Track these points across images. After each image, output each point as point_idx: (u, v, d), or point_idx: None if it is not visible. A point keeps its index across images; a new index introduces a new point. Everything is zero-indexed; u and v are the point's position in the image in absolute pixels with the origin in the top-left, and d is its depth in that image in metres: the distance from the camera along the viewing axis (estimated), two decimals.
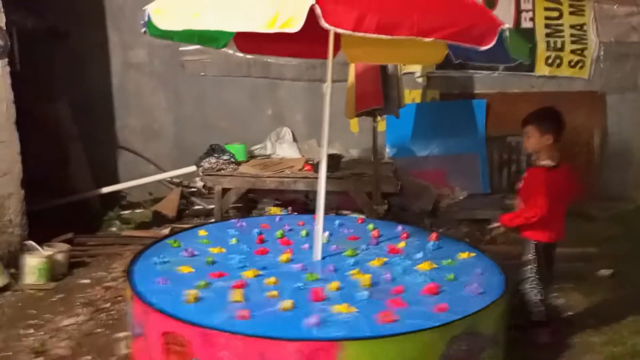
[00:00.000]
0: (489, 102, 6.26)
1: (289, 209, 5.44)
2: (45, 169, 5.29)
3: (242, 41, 3.75)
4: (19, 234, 4.51)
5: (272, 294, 2.70)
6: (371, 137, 5.20)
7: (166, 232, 5.14)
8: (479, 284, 2.84)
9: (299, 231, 3.76)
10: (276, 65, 6.13)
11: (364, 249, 3.45)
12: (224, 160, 5.39)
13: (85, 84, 6.17)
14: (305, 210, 5.31)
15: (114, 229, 5.56)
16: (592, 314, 3.62)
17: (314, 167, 5.27)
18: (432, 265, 3.11)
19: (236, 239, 3.59)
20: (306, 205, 5.65)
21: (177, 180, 6.11)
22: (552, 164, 3.15)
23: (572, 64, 6.21)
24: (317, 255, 3.24)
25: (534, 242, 3.20)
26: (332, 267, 3.10)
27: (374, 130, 5.15)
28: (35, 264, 4.19)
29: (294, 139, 6.26)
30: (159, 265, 3.14)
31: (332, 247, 3.45)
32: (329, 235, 3.64)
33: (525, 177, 3.28)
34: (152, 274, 3.01)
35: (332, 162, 5.24)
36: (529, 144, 3.18)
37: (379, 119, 5.20)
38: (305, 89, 6.16)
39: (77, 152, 5.93)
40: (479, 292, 2.76)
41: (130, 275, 2.98)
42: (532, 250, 3.20)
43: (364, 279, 2.87)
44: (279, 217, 4.30)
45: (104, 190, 5.72)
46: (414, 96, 6.27)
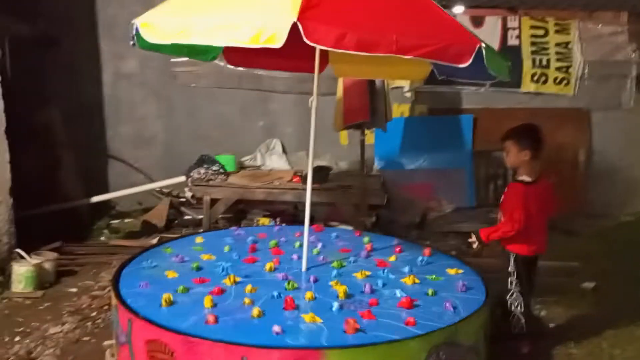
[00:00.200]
0: (476, 118, 6.37)
1: (278, 219, 5.48)
2: (35, 177, 5.31)
3: (230, 54, 3.82)
4: (7, 241, 4.52)
5: (246, 301, 2.77)
6: (360, 150, 5.28)
7: (155, 241, 5.16)
8: (454, 300, 2.86)
9: (294, 242, 3.79)
10: (267, 77, 6.20)
11: (352, 261, 3.48)
12: (214, 170, 5.44)
13: (76, 92, 6.19)
14: (293, 221, 5.35)
15: (103, 238, 5.57)
16: (573, 327, 3.68)
17: (303, 178, 5.32)
18: (415, 280, 3.12)
19: (229, 247, 3.66)
20: (295, 216, 5.70)
21: (167, 190, 6.14)
22: (529, 180, 3.22)
23: (557, 81, 6.34)
24: (303, 265, 3.30)
25: (514, 255, 3.26)
26: (313, 277, 3.15)
27: (362, 143, 5.22)
28: (23, 272, 4.20)
29: (284, 151, 6.32)
30: (147, 269, 3.21)
31: (320, 258, 3.50)
32: (321, 246, 3.70)
33: (505, 191, 3.35)
34: (138, 278, 3.07)
35: (321, 174, 5.32)
36: (508, 159, 3.25)
37: (367, 132, 5.28)
38: (295, 101, 6.21)
39: (67, 160, 5.95)
40: (452, 307, 2.78)
41: (116, 282, 3.03)
42: (512, 263, 3.26)
43: (340, 290, 2.91)
44: (278, 227, 4.33)
45: (94, 199, 5.73)
46: (403, 110, 6.36)
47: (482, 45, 2.58)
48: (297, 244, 3.72)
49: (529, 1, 6.25)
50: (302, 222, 3.38)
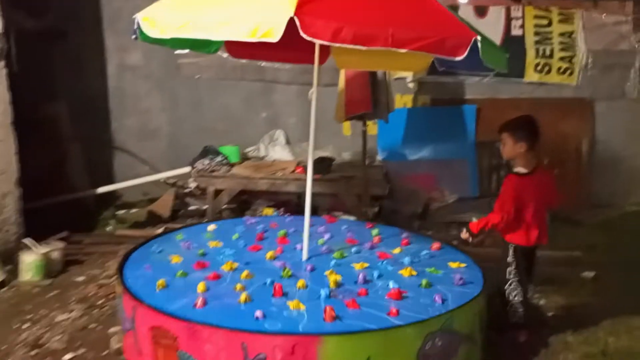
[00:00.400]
0: (479, 108, 6.36)
1: (281, 210, 5.53)
2: (42, 168, 5.38)
3: (232, 47, 3.86)
4: (16, 231, 4.61)
5: (237, 287, 2.86)
6: (362, 141, 5.31)
7: (160, 231, 5.23)
8: (446, 293, 2.88)
9: (302, 232, 3.83)
10: (270, 69, 6.23)
11: (355, 252, 3.52)
12: (217, 161, 5.50)
13: (82, 84, 6.26)
14: (297, 211, 5.40)
15: (109, 228, 5.65)
16: (571, 316, 3.71)
17: (306, 169, 5.35)
18: (412, 272, 3.13)
19: (238, 235, 3.76)
20: (299, 206, 5.74)
21: (172, 181, 6.20)
22: (524, 171, 3.24)
23: (561, 71, 6.32)
24: (304, 254, 3.36)
25: (513, 246, 3.29)
26: (310, 266, 3.21)
27: (364, 134, 5.26)
28: (31, 261, 4.28)
29: (287, 142, 6.36)
30: (154, 254, 3.35)
31: (323, 248, 3.55)
32: (328, 237, 3.76)
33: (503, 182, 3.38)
34: (143, 262, 3.21)
35: (324, 165, 5.37)
36: (504, 151, 3.27)
37: (369, 123, 5.31)
38: (298, 92, 6.24)
39: (74, 152, 6.02)
40: (441, 300, 2.79)
41: (122, 270, 3.12)
42: (511, 253, 3.29)
43: (331, 280, 2.97)
44: (290, 218, 4.39)
45: (100, 190, 5.81)
46: (406, 101, 6.38)
47: (478, 38, 2.61)
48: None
49: None
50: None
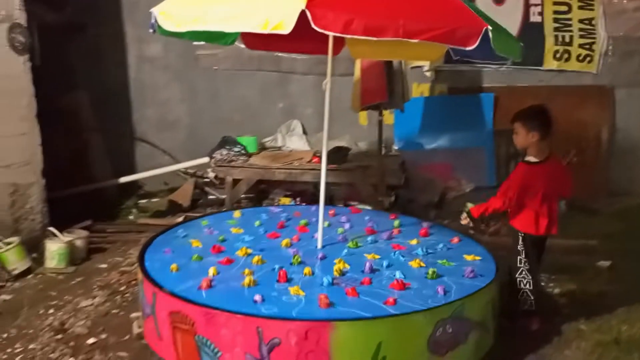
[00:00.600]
0: (497, 96, 6.32)
1: (298, 199, 5.60)
2: (65, 158, 5.53)
3: (248, 38, 3.91)
4: (40, 220, 4.76)
5: (245, 272, 2.95)
6: (378, 130, 5.33)
7: (180, 220, 5.33)
8: (450, 285, 2.88)
9: (323, 221, 3.88)
10: (287, 59, 6.27)
11: (370, 242, 3.54)
12: (235, 152, 5.57)
13: (103, 76, 6.37)
14: (313, 201, 5.45)
15: (131, 217, 5.78)
16: (584, 304, 3.71)
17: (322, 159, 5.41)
18: (421, 263, 3.14)
19: (260, 222, 3.87)
20: (315, 195, 5.78)
21: (191, 170, 6.31)
22: (535, 160, 3.25)
23: (580, 58, 6.24)
24: (319, 243, 3.42)
25: (522, 234, 3.31)
26: (321, 254, 3.27)
27: (380, 123, 5.28)
28: (55, 249, 4.41)
29: (304, 132, 6.41)
30: (178, 238, 3.53)
31: (340, 237, 3.61)
32: (348, 227, 3.82)
33: None
34: (165, 246, 3.38)
35: (340, 155, 5.41)
36: (517, 140, 3.28)
37: (385, 112, 5.32)
38: (315, 82, 6.25)
39: (96, 142, 6.16)
40: (443, 292, 2.79)
41: (142, 257, 3.25)
42: (520, 242, 3.31)
43: (337, 268, 3.02)
44: (314, 207, 4.36)
45: (122, 180, 5.94)
46: (422, 90, 6.37)
47: (489, 27, 2.62)
48: (326, 223, 3.81)
49: None
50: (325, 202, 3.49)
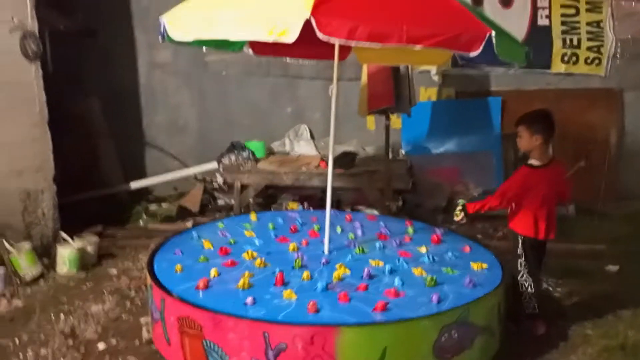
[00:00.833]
0: (505, 100, 6.31)
1: (305, 204, 5.62)
2: (76, 163, 5.59)
3: (255, 45, 3.95)
4: (52, 226, 4.81)
5: (246, 274, 2.99)
6: (385, 135, 5.35)
7: (189, 225, 5.38)
8: (446, 294, 2.87)
9: (336, 226, 3.93)
10: (295, 64, 6.31)
11: (379, 248, 3.54)
12: (243, 157, 5.61)
13: (113, 82, 6.44)
14: (321, 205, 5.46)
15: (141, 222, 5.81)
16: (591, 308, 3.70)
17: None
18: (422, 272, 3.12)
19: (273, 225, 3.94)
20: (323, 200, 5.79)
21: (201, 176, 6.36)
22: (538, 164, 3.27)
23: (588, 61, 6.22)
24: (325, 248, 3.46)
25: (522, 238, 3.32)
26: (325, 259, 3.30)
27: (387, 128, 5.29)
28: (66, 254, 4.45)
29: (312, 136, 6.44)
30: (192, 240, 3.65)
31: (349, 242, 3.63)
32: (360, 233, 3.85)
33: None
34: (177, 247, 3.50)
35: (347, 160, 5.43)
36: (520, 143, 3.30)
37: (392, 117, 5.34)
38: (323, 87, 6.28)
39: (107, 148, 6.21)
40: (437, 300, 2.79)
41: (154, 257, 3.37)
42: (520, 245, 3.32)
43: (336, 274, 3.04)
44: (332, 212, 4.42)
45: (132, 185, 6.00)
46: (430, 94, 6.37)
47: (492, 33, 2.64)
48: (338, 229, 3.88)
49: None
50: (332, 207, 3.55)
